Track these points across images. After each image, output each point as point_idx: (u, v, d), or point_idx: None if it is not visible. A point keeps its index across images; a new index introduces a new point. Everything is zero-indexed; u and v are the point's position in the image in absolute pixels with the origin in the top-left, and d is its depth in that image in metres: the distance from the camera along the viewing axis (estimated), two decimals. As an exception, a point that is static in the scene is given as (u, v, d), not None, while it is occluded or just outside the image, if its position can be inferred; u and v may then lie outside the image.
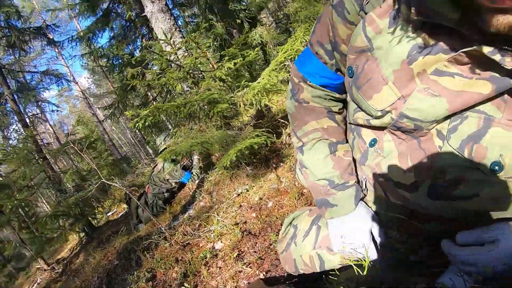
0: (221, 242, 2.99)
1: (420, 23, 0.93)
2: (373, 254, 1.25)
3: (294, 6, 7.65)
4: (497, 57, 0.81)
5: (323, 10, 1.28)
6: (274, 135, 3.93)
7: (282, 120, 4.90)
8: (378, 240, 1.27)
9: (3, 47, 10.94)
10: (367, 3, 1.06)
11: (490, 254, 0.93)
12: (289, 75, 1.52)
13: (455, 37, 0.89)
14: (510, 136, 0.87)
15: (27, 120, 11.29)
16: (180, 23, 10.92)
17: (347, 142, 1.45)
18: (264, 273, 2.27)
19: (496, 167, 0.89)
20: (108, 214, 10.44)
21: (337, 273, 1.40)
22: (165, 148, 5.72)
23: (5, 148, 10.20)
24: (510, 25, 0.71)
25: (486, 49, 0.82)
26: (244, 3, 10.35)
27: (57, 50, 18.65)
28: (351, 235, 1.28)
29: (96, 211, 8.43)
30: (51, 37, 13.06)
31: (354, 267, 1.25)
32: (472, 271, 0.97)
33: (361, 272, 1.23)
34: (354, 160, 1.41)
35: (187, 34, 7.27)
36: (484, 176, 0.91)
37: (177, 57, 4.13)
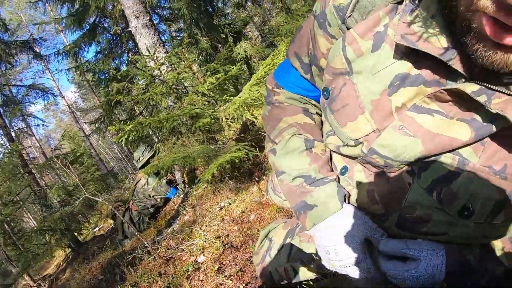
0: (204, 255, 3.01)
1: (405, 48, 0.86)
2: (366, 272, 1.03)
3: (277, 20, 7.77)
4: (482, 98, 0.75)
5: (305, 19, 1.19)
6: (257, 148, 3.98)
7: (265, 134, 4.94)
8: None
9: (-11, 61, 10.91)
10: (350, 16, 0.97)
11: (411, 274, 0.92)
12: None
13: (441, 68, 0.83)
14: (482, 183, 0.82)
15: (13, 134, 11.21)
16: (166, 38, 11.02)
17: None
18: (244, 285, 2.30)
19: (466, 213, 0.84)
20: (95, 230, 10.35)
21: (312, 283, 1.44)
22: (147, 162, 5.74)
23: (-11, 163, 10.11)
24: (507, 63, 0.65)
25: (471, 88, 0.76)
26: (229, 18, 10.48)
27: (43, 64, 18.60)
28: (338, 248, 1.04)
29: (82, 227, 8.37)
30: (38, 51, 13.04)
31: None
32: (397, 283, 0.96)
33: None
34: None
35: (172, 49, 7.34)
36: (453, 219, 0.87)
37: (161, 72, 4.18)
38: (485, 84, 0.76)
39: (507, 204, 0.82)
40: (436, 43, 0.79)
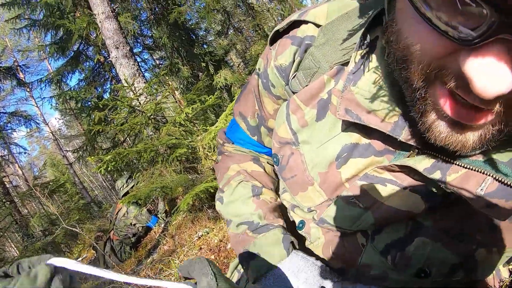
0: (180, 286, 3.01)
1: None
2: None
3: (255, 48, 7.90)
4: (437, 175, 0.68)
5: (250, 76, 1.13)
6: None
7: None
8: None
9: (-29, 87, 10.91)
10: (294, 77, 0.91)
11: None
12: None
13: (391, 139, 0.74)
14: (437, 248, 0.77)
15: (-5, 162, 11.13)
16: (149, 65, 11.10)
17: (276, 192, 1.20)
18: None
19: (422, 274, 0.80)
20: (78, 260, 10.18)
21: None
22: (127, 192, 5.74)
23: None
24: (465, 145, 0.56)
25: (424, 164, 0.70)
26: (212, 46, 10.62)
27: (27, 91, 18.55)
28: None
29: (65, 257, 8.24)
30: (22, 77, 13.04)
31: None
32: None
33: None
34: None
35: (150, 79, 7.46)
36: (410, 279, 0.82)
37: (139, 102, 4.23)
38: (439, 156, 0.69)
39: (465, 263, 0.78)
40: (386, 117, 0.72)
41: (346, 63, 0.82)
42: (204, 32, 10.99)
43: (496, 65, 0.40)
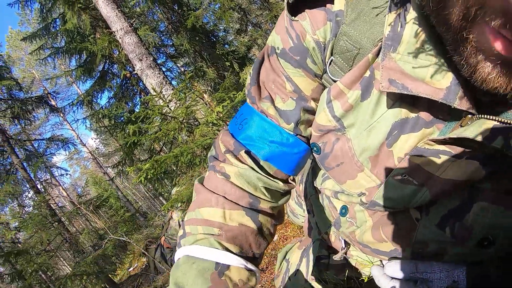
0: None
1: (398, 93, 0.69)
2: None
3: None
4: (499, 141, 0.61)
5: (257, 58, 0.98)
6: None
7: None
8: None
9: (8, 119, 11.34)
10: (330, 63, 0.82)
11: None
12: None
13: (442, 106, 0.67)
14: (498, 212, 0.70)
15: (39, 186, 11.54)
16: (175, 74, 11.25)
17: (259, 261, 0.97)
18: (271, 307, 2.32)
19: (485, 243, 0.74)
20: (129, 270, 10.45)
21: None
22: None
23: (21, 215, 10.45)
24: None
25: (482, 132, 0.62)
26: (234, 44, 10.65)
27: (61, 116, 19.16)
28: None
29: (117, 268, 8.50)
30: (53, 104, 13.48)
31: None
32: None
33: None
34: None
35: (178, 85, 7.53)
36: (472, 250, 0.77)
37: (170, 109, 4.31)
38: (496, 119, 0.62)
39: None
40: (434, 82, 0.64)
41: None
42: (224, 33, 11.03)
43: None
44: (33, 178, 10.91)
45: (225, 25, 10.10)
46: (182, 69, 12.00)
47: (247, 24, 9.98)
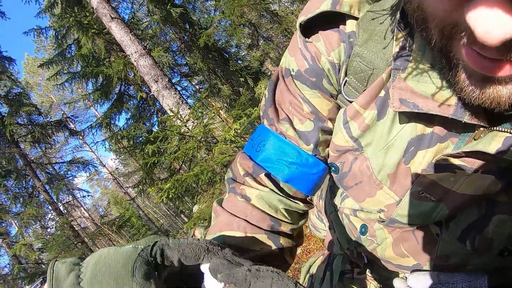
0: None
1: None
2: None
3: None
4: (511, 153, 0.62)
5: (271, 80, 0.98)
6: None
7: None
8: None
9: (29, 143, 11.59)
10: (345, 84, 0.83)
11: None
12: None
13: (454, 121, 0.67)
14: None
15: (61, 208, 11.73)
16: (190, 92, 11.38)
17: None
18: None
19: (505, 253, 0.77)
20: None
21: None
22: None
23: (44, 237, 10.59)
24: (502, 99, 0.51)
25: (494, 145, 0.63)
26: (247, 60, 10.73)
27: (80, 138, 19.48)
28: None
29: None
30: (72, 127, 13.73)
31: None
32: None
33: None
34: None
35: (194, 105, 7.65)
36: (492, 260, 0.80)
37: (188, 128, 4.37)
38: (508, 131, 0.63)
39: None
40: (443, 99, 0.66)
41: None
42: (236, 49, 11.12)
43: (496, 12, 0.38)
44: (55, 201, 11.12)
45: (236, 41, 10.19)
46: (197, 87, 12.13)
47: (258, 39, 10.05)
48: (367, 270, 1.26)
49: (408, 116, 0.75)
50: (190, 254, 0.63)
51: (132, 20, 9.11)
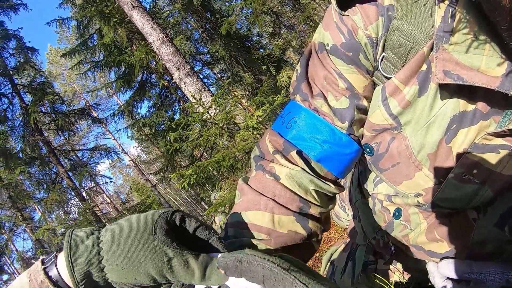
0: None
1: (453, 84, 0.68)
2: None
3: (310, 41, 7.81)
4: None
5: (304, 55, 0.95)
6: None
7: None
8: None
9: (52, 131, 11.81)
10: (382, 60, 0.79)
11: None
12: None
13: (498, 96, 0.65)
14: None
15: (84, 194, 11.96)
16: (212, 80, 11.40)
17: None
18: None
19: None
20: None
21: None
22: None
23: (67, 222, 10.83)
24: None
25: None
26: (269, 48, 10.67)
27: (103, 126, 19.76)
28: None
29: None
30: (95, 115, 13.92)
31: None
32: None
33: None
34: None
35: (217, 91, 7.66)
36: None
37: (210, 115, 4.38)
38: None
39: None
40: (489, 71, 0.63)
41: None
42: (258, 37, 11.09)
43: None
44: (78, 187, 11.32)
45: (258, 30, 10.15)
46: (219, 76, 12.13)
47: (280, 27, 9.99)
48: (393, 260, 1.24)
49: (451, 91, 0.72)
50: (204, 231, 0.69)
51: (154, 9, 9.13)
